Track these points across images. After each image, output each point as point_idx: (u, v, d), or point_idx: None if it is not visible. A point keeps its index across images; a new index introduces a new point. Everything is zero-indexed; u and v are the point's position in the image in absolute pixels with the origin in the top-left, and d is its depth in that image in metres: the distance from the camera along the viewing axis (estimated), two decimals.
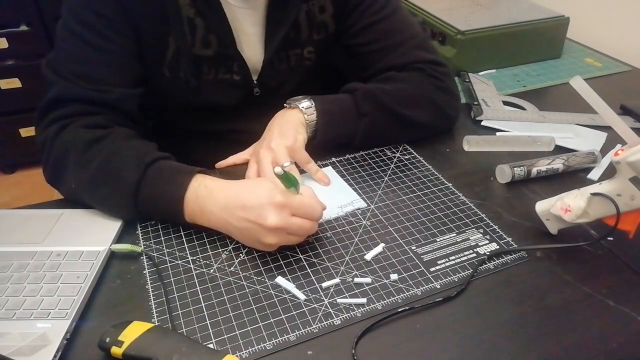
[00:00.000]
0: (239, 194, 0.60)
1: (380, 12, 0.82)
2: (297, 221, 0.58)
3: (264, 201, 0.57)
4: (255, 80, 0.83)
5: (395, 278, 0.58)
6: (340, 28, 0.84)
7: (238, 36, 0.78)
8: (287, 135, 0.72)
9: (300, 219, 0.58)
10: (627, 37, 1.20)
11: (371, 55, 0.84)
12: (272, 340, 0.52)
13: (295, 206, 0.58)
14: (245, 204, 0.58)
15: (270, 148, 0.71)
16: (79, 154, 0.65)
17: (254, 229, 0.58)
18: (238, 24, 0.77)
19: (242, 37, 0.79)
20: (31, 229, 0.65)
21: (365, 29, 0.83)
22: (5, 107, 1.88)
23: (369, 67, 0.85)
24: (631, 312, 0.55)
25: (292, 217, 0.58)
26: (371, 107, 0.77)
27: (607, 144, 0.83)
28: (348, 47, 0.87)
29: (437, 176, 0.76)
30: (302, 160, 0.73)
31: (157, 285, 0.58)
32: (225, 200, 0.60)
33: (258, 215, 0.57)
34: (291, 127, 0.73)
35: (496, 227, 0.66)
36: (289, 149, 0.71)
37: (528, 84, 1.05)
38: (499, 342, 0.52)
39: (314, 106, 0.75)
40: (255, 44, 0.80)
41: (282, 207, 0.57)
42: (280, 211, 0.57)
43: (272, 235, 0.58)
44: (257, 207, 0.57)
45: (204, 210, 0.61)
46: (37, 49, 1.79)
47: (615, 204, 0.56)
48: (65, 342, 0.51)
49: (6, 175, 2.06)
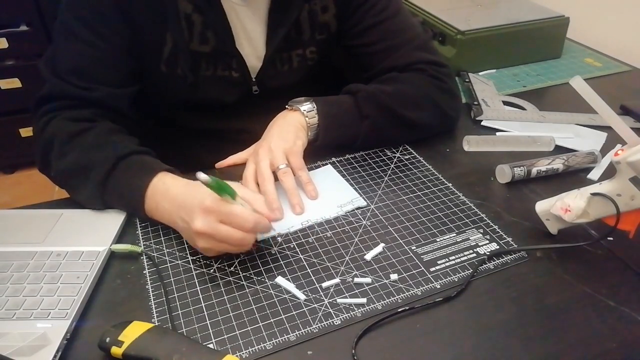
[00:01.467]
0: (184, 193, 0.60)
1: (382, 12, 0.82)
2: (223, 229, 0.56)
3: (195, 203, 0.57)
4: (254, 78, 0.83)
5: (395, 278, 0.58)
6: (343, 28, 0.84)
7: (237, 33, 0.78)
8: (286, 138, 0.72)
9: (228, 228, 0.56)
10: (627, 37, 1.20)
11: (373, 55, 0.84)
12: (272, 340, 0.52)
13: (224, 213, 0.55)
14: (183, 204, 0.59)
15: (270, 149, 0.71)
16: (60, 145, 0.67)
17: (187, 229, 0.59)
18: (237, 21, 0.77)
19: (242, 34, 0.79)
20: (31, 229, 0.65)
21: (367, 30, 0.83)
22: (5, 107, 1.88)
23: (370, 67, 0.85)
24: (631, 312, 0.55)
25: (219, 224, 0.56)
26: (373, 109, 0.77)
27: (607, 144, 0.83)
28: (350, 47, 0.87)
29: (437, 176, 0.76)
30: (297, 165, 0.71)
31: (157, 285, 0.58)
32: (174, 198, 0.61)
33: (189, 217, 0.57)
34: (291, 130, 0.73)
35: (496, 227, 0.66)
36: (287, 152, 0.71)
37: (528, 84, 1.05)
38: (499, 342, 0.52)
39: (315, 109, 0.75)
40: (255, 42, 0.80)
41: (208, 212, 0.56)
42: (206, 216, 0.55)
43: (200, 240, 0.57)
44: (189, 208, 0.58)
45: (158, 206, 0.63)
46: (37, 49, 1.79)
47: (615, 204, 0.56)
48: (65, 342, 0.51)
49: (6, 175, 2.06)
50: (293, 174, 0.70)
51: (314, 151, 0.76)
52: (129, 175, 0.65)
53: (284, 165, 0.69)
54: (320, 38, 0.84)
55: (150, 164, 0.66)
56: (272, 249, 0.63)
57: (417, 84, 0.80)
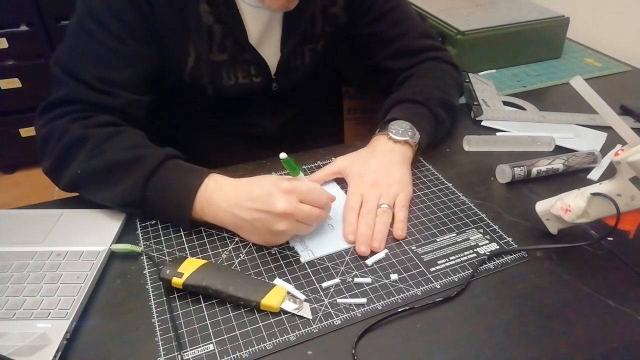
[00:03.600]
0: (246, 186, 0.61)
1: (388, 2, 0.85)
2: (305, 207, 0.59)
3: (272, 189, 0.58)
4: (274, 76, 0.84)
5: (395, 278, 0.58)
6: (351, 19, 0.86)
7: (255, 36, 0.78)
8: (402, 180, 0.69)
9: (308, 206, 0.59)
10: (627, 37, 1.20)
11: (381, 44, 0.87)
12: (272, 340, 0.52)
13: (303, 192, 0.59)
14: (253, 195, 0.59)
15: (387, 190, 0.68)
16: (96, 144, 0.65)
17: (264, 217, 0.59)
18: (255, 25, 0.77)
19: (259, 36, 0.79)
20: (31, 229, 0.65)
21: (375, 20, 0.85)
22: (5, 107, 1.87)
23: (375, 55, 0.88)
24: (631, 312, 0.55)
25: (300, 203, 0.59)
26: (443, 111, 0.79)
27: (607, 144, 0.83)
28: (358, 36, 0.88)
29: (437, 176, 0.76)
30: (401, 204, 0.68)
31: (157, 285, 0.58)
32: (234, 194, 0.61)
33: (267, 203, 0.58)
34: (406, 171, 0.71)
35: (496, 227, 0.66)
36: (399, 193, 0.68)
37: (528, 84, 1.04)
38: (499, 342, 0.52)
39: (418, 136, 0.74)
40: (272, 41, 0.81)
41: (289, 192, 0.58)
42: (288, 196, 0.58)
43: (282, 222, 0.58)
44: (265, 195, 0.58)
45: (211, 204, 0.62)
46: (37, 49, 1.79)
47: (615, 204, 0.56)
48: (65, 342, 0.51)
49: (6, 175, 2.06)
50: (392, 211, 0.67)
51: (313, 151, 0.76)
52: (179, 173, 0.64)
53: (387, 205, 0.66)
54: (329, 31, 0.85)
55: (199, 167, 0.65)
56: (272, 249, 0.63)
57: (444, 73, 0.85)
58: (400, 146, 0.73)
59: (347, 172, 0.72)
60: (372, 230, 0.63)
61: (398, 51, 0.86)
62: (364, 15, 0.85)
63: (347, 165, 0.73)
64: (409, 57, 0.86)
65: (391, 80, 0.87)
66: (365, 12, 0.85)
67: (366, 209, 0.66)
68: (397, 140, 0.72)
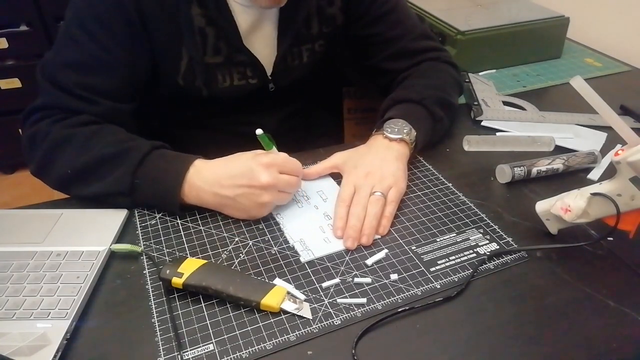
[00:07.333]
0: (224, 166, 0.65)
1: (387, 3, 0.85)
2: (285, 177, 0.64)
3: (252, 164, 0.63)
4: (270, 76, 0.84)
5: (395, 278, 0.58)
6: (350, 20, 0.86)
7: (249, 37, 0.78)
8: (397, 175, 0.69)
9: (287, 175, 0.64)
10: (627, 37, 1.20)
11: (381, 44, 0.87)
12: (272, 340, 0.52)
13: (281, 163, 0.64)
14: (233, 172, 0.63)
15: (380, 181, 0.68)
16: (82, 141, 0.66)
17: (248, 192, 0.63)
18: (248, 24, 0.77)
19: (254, 37, 0.79)
20: (31, 229, 0.65)
21: (374, 21, 0.85)
22: (5, 107, 1.87)
23: (374, 56, 0.88)
24: (631, 312, 0.55)
25: (279, 174, 0.63)
26: (440, 110, 0.79)
27: (607, 144, 0.83)
28: (358, 37, 0.88)
29: (437, 176, 0.76)
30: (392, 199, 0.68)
31: (157, 285, 0.58)
32: (212, 174, 0.64)
33: (250, 177, 0.62)
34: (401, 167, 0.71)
35: (496, 227, 0.66)
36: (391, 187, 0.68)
37: (528, 84, 1.04)
38: (499, 342, 0.52)
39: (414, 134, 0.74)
40: (267, 41, 0.81)
41: (269, 165, 0.63)
42: (269, 169, 0.62)
43: (266, 194, 0.63)
44: (247, 171, 0.62)
45: (192, 187, 0.64)
46: (37, 49, 1.79)
47: (615, 204, 0.56)
48: (65, 342, 0.51)
49: (6, 175, 2.06)
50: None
51: (313, 151, 0.76)
52: (166, 160, 0.66)
53: (380, 193, 0.67)
54: (327, 31, 0.85)
55: (185, 154, 0.67)
56: (272, 248, 0.63)
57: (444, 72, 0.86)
58: (397, 144, 0.73)
59: (342, 167, 0.73)
60: (361, 222, 0.64)
61: (397, 52, 0.86)
62: (362, 17, 0.85)
63: (343, 160, 0.73)
64: (408, 58, 0.86)
65: (390, 81, 0.87)
66: (363, 14, 0.85)
67: (358, 197, 0.66)
68: (393, 138, 0.73)
